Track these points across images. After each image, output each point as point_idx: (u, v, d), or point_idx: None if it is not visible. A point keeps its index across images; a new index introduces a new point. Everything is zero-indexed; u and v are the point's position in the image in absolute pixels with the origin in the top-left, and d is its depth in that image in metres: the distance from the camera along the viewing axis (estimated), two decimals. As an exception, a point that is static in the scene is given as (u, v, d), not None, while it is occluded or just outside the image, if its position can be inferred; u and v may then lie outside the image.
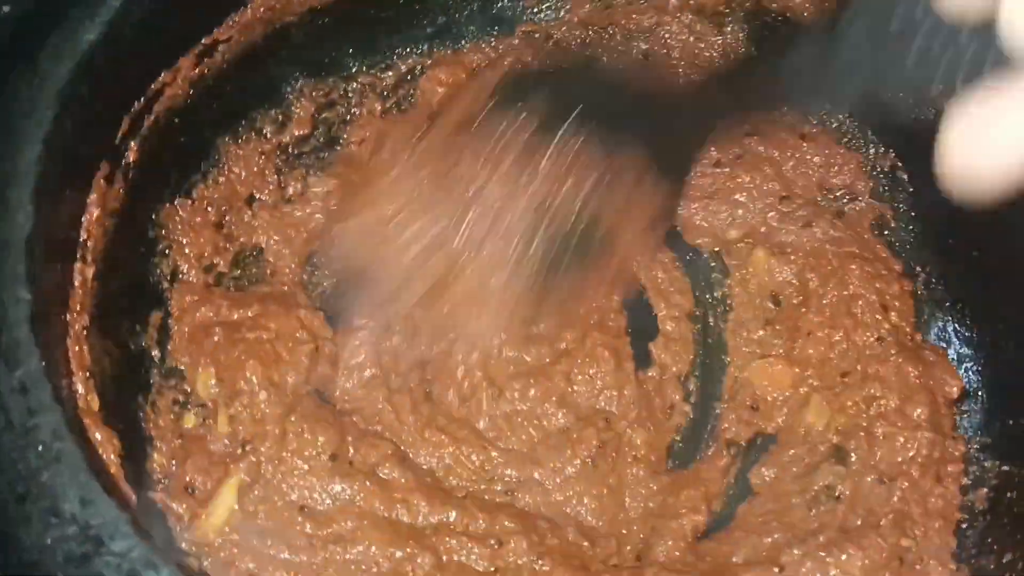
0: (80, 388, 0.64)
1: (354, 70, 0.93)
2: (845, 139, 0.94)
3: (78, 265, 0.69)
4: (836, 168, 0.92)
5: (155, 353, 0.79)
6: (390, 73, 0.94)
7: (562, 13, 0.97)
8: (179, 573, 0.53)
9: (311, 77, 0.91)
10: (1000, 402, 0.81)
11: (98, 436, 0.63)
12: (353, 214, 0.82)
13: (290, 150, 0.91)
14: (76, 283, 0.69)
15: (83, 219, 0.70)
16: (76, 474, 0.54)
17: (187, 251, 0.83)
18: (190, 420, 0.78)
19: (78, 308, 0.68)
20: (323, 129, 0.92)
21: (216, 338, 0.79)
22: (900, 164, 0.92)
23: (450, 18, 0.95)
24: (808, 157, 0.93)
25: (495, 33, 0.97)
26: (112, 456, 0.63)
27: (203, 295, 0.81)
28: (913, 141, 0.86)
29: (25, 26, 0.69)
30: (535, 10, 0.97)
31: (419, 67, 0.95)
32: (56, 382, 0.58)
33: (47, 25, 0.69)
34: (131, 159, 0.75)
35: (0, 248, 0.60)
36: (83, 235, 0.70)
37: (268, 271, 0.87)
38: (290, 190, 0.90)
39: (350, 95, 0.93)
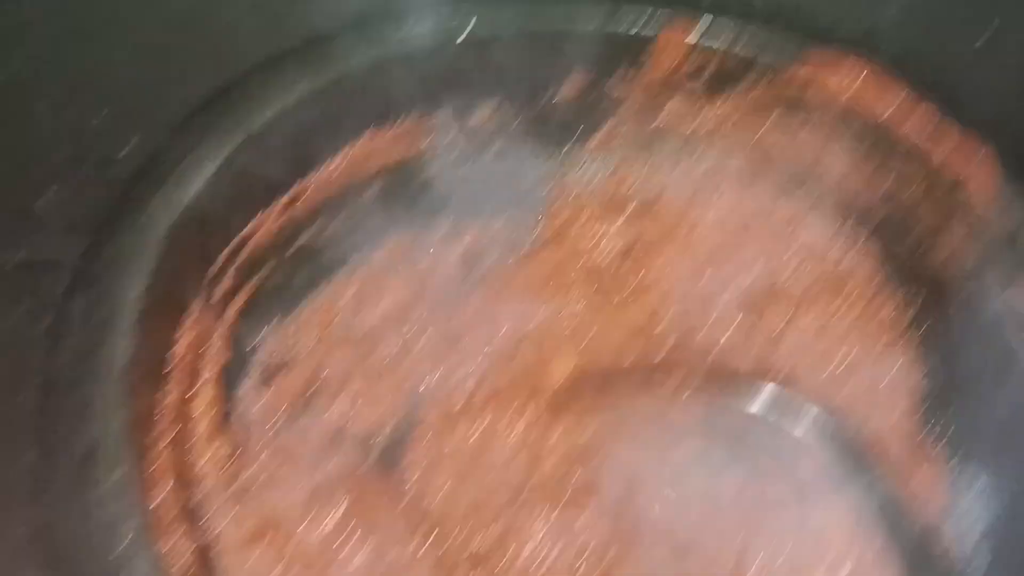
0: (166, 502, 0.73)
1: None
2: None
3: (167, 386, 0.80)
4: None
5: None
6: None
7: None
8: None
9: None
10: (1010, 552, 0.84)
11: (177, 547, 0.72)
12: None
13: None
14: (165, 402, 0.79)
15: (175, 347, 0.81)
16: None
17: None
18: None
19: (164, 425, 0.78)
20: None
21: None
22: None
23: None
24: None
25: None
26: (184, 565, 0.72)
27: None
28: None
29: (139, 176, 0.82)
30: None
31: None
32: (139, 492, 0.67)
33: (157, 176, 0.81)
34: (222, 293, 0.86)
35: (104, 373, 0.70)
36: (174, 361, 0.81)
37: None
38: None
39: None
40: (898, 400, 0.93)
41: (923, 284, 0.94)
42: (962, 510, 0.89)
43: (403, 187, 1.00)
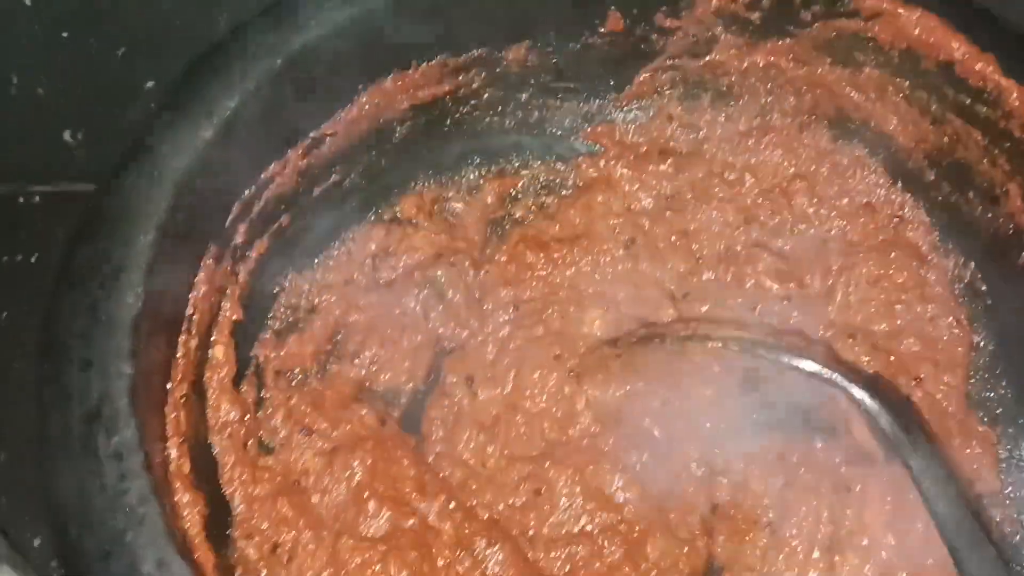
0: (174, 453, 0.71)
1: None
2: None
3: (183, 337, 0.76)
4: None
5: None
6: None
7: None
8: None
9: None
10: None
11: (186, 499, 0.69)
12: None
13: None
14: (179, 354, 0.76)
15: (191, 295, 0.78)
16: (156, 537, 0.60)
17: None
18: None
19: (179, 377, 0.75)
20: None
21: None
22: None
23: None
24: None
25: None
26: (197, 517, 0.69)
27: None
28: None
29: (149, 121, 0.78)
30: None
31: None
32: (149, 449, 0.64)
33: (168, 120, 0.77)
34: (239, 241, 0.82)
35: (109, 325, 0.67)
36: (190, 310, 0.77)
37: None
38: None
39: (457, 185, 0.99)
40: (951, 364, 0.88)
41: (982, 242, 0.88)
42: (1015, 483, 0.84)
43: (430, 133, 0.96)
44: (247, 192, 0.82)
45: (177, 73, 0.80)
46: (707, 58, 0.95)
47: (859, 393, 0.74)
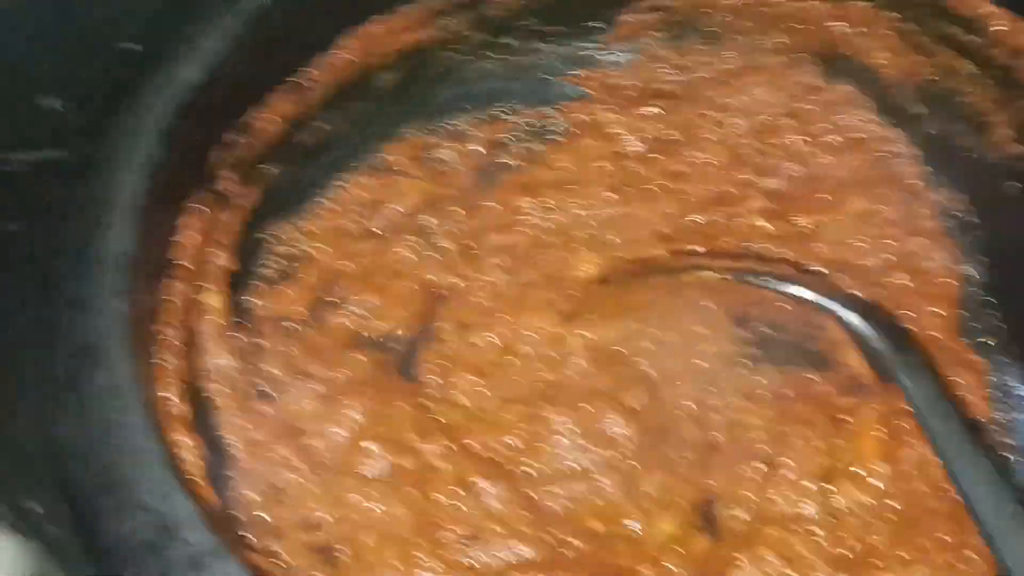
0: (173, 395, 0.70)
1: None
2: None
3: (174, 283, 0.76)
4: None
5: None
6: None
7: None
8: (245, 566, 0.57)
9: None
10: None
11: (185, 440, 0.69)
12: None
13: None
14: (172, 299, 0.75)
15: (180, 241, 0.77)
16: (157, 470, 0.60)
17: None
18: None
19: (173, 322, 0.74)
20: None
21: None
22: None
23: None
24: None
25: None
26: (196, 459, 0.69)
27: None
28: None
29: (130, 64, 0.77)
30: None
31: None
32: (147, 387, 0.64)
33: (152, 62, 0.76)
34: (225, 187, 0.82)
35: (102, 264, 0.66)
36: (179, 256, 0.77)
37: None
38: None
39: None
40: (942, 296, 0.88)
41: (972, 175, 0.88)
42: (1004, 409, 0.85)
43: (415, 80, 0.95)
44: (233, 139, 0.82)
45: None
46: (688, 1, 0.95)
47: (855, 319, 0.74)
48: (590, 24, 0.98)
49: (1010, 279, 0.87)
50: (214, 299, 0.80)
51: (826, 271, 0.86)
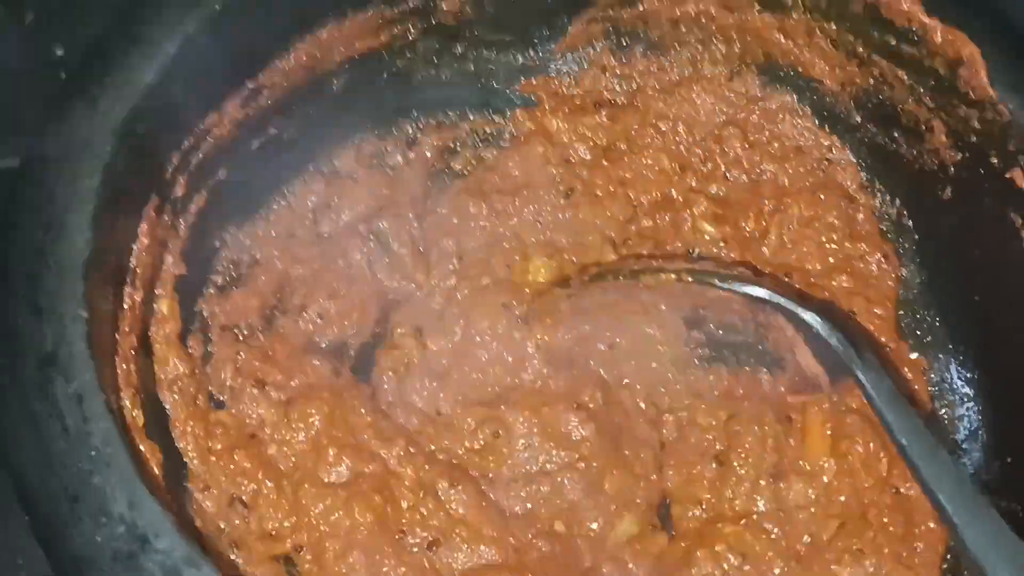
0: (127, 403, 0.68)
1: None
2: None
3: (128, 289, 0.74)
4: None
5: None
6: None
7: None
8: (218, 571, 0.56)
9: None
10: (999, 441, 0.84)
11: (142, 448, 0.67)
12: None
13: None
14: (126, 306, 0.73)
15: (134, 247, 0.75)
16: (125, 477, 0.58)
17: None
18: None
19: (127, 329, 0.73)
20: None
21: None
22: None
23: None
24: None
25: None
26: (155, 468, 0.67)
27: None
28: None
29: (85, 65, 0.75)
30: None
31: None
32: (108, 394, 0.62)
33: (105, 64, 0.75)
34: (179, 193, 0.80)
35: (60, 269, 0.64)
36: (133, 262, 0.75)
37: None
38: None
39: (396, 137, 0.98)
40: (881, 298, 0.92)
41: (907, 180, 0.92)
42: (946, 405, 0.89)
43: (366, 86, 0.95)
44: (186, 143, 0.80)
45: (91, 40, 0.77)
46: (639, 7, 0.96)
47: (812, 318, 0.77)
48: (538, 33, 0.99)
49: (945, 280, 0.91)
50: (167, 307, 0.79)
51: (779, 274, 0.89)
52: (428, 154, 0.98)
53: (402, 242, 0.93)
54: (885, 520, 0.82)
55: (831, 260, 0.93)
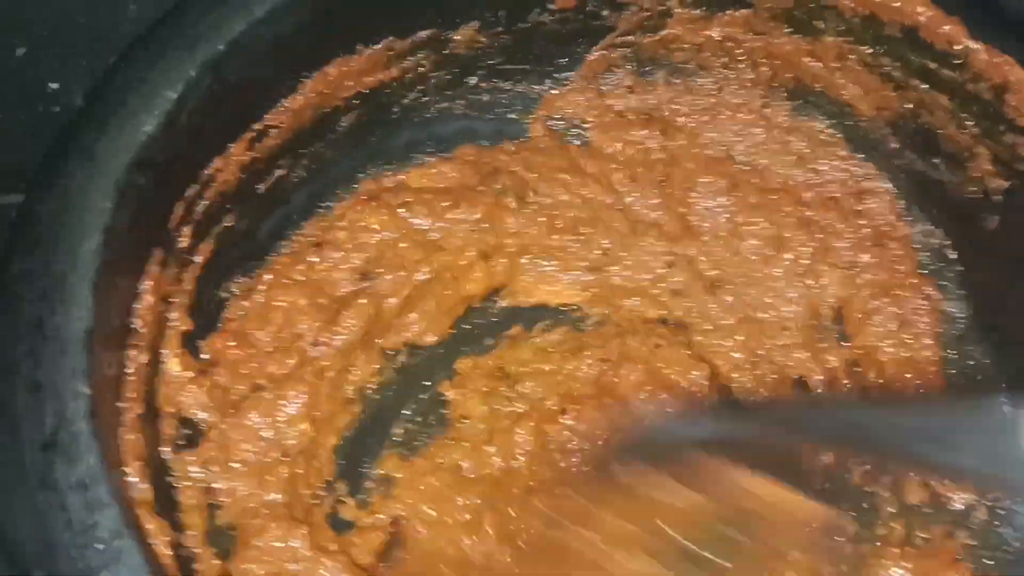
0: (134, 478, 0.64)
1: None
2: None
3: (131, 352, 0.70)
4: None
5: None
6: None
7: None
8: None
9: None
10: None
11: (150, 527, 0.63)
12: None
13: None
14: (130, 370, 0.69)
15: (137, 307, 0.71)
16: (136, 572, 0.54)
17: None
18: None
19: (132, 395, 0.68)
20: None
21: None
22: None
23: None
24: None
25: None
26: (165, 549, 0.63)
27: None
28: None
29: (81, 114, 0.71)
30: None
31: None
32: (113, 476, 0.58)
33: (103, 115, 0.70)
34: (184, 245, 0.76)
35: (61, 343, 0.60)
36: (137, 322, 0.71)
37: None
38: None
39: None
40: (923, 336, 0.87)
41: (949, 209, 0.88)
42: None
43: (377, 121, 0.90)
44: (190, 191, 0.76)
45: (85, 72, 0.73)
46: (661, 33, 0.92)
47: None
48: (555, 62, 0.95)
49: (991, 315, 0.87)
50: (175, 365, 0.74)
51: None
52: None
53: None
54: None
55: (870, 301, 0.88)
